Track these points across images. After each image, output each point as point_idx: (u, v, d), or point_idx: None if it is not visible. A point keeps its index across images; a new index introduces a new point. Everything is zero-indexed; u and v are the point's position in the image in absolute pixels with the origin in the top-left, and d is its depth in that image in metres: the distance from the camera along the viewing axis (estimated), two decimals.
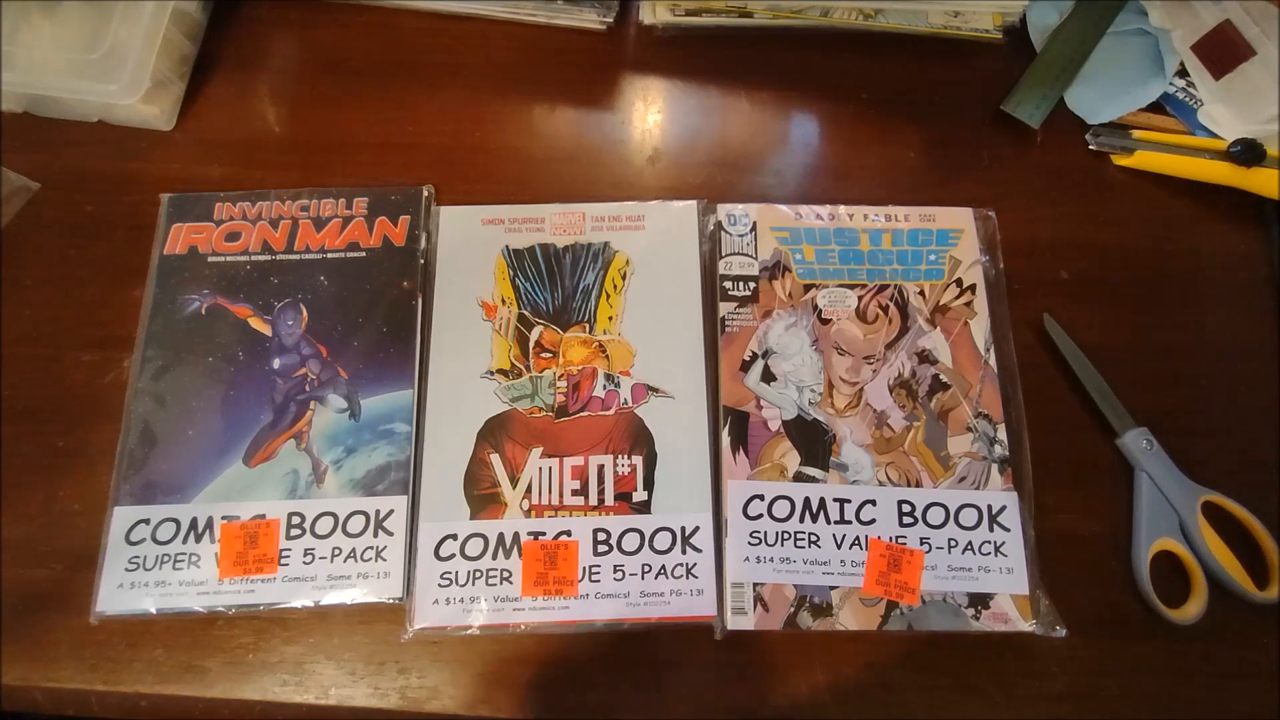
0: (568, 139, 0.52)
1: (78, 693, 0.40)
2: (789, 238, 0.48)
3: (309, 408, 0.44)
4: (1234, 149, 0.49)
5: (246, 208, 0.48)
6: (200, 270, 0.47)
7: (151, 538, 0.41)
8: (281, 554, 0.41)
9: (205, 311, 0.46)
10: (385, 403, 0.44)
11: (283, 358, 0.45)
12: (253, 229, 0.48)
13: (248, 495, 0.42)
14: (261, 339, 0.46)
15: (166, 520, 0.42)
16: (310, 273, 0.47)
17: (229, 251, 0.47)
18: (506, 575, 0.41)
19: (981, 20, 0.52)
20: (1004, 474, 0.43)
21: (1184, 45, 0.53)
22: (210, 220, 0.48)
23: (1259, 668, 0.41)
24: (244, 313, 0.46)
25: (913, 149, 0.52)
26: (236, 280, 0.47)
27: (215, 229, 0.48)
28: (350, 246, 0.48)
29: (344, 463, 0.43)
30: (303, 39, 0.54)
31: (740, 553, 0.42)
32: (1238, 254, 0.50)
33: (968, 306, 0.47)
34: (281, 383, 0.45)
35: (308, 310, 0.46)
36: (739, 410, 0.44)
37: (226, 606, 0.41)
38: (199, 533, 0.42)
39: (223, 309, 0.46)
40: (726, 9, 0.51)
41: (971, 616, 0.41)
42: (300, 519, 0.42)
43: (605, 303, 0.47)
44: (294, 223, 0.48)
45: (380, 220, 0.48)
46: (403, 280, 0.47)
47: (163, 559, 0.41)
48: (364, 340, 0.46)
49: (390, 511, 0.42)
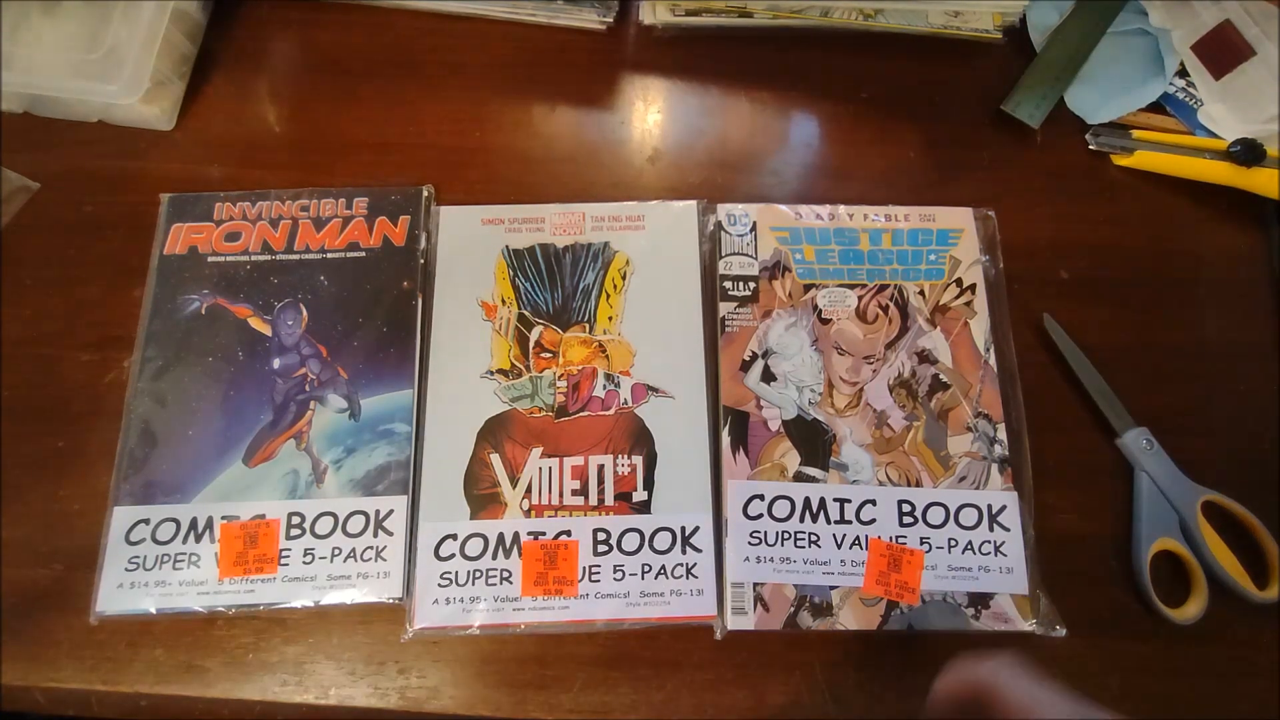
0: (568, 139, 0.52)
1: (78, 693, 0.40)
2: (789, 238, 0.48)
3: (309, 408, 0.44)
4: (1234, 149, 0.49)
5: (246, 208, 0.48)
6: (200, 270, 0.47)
7: (151, 538, 0.41)
8: (281, 554, 0.41)
9: (205, 311, 0.46)
10: (385, 403, 0.44)
11: (283, 358, 0.45)
12: (253, 229, 0.48)
13: (248, 495, 0.42)
14: (261, 339, 0.46)
15: (166, 520, 0.42)
16: (310, 273, 0.47)
17: (229, 251, 0.47)
18: (506, 575, 0.41)
19: (981, 20, 0.52)
20: (1004, 474, 0.43)
21: (1184, 45, 0.53)
22: (210, 220, 0.48)
23: (1259, 668, 0.41)
24: (244, 313, 0.46)
25: (913, 149, 0.52)
26: (236, 280, 0.47)
27: (215, 229, 0.48)
28: (350, 246, 0.48)
29: (344, 463, 0.43)
30: (303, 39, 0.54)
31: (740, 553, 0.42)
32: (1238, 254, 0.50)
33: (968, 306, 0.47)
34: (281, 383, 0.45)
35: (308, 310, 0.46)
36: (739, 410, 0.44)
37: (226, 606, 0.41)
38: (199, 533, 0.42)
39: (223, 309, 0.46)
40: (726, 9, 0.51)
41: (971, 616, 0.41)
42: (300, 519, 0.42)
43: (605, 303, 0.47)
44: (294, 223, 0.48)
45: (380, 220, 0.48)
46: (403, 280, 0.47)
47: (163, 559, 0.41)
48: (364, 340, 0.46)
49: (390, 511, 0.42)
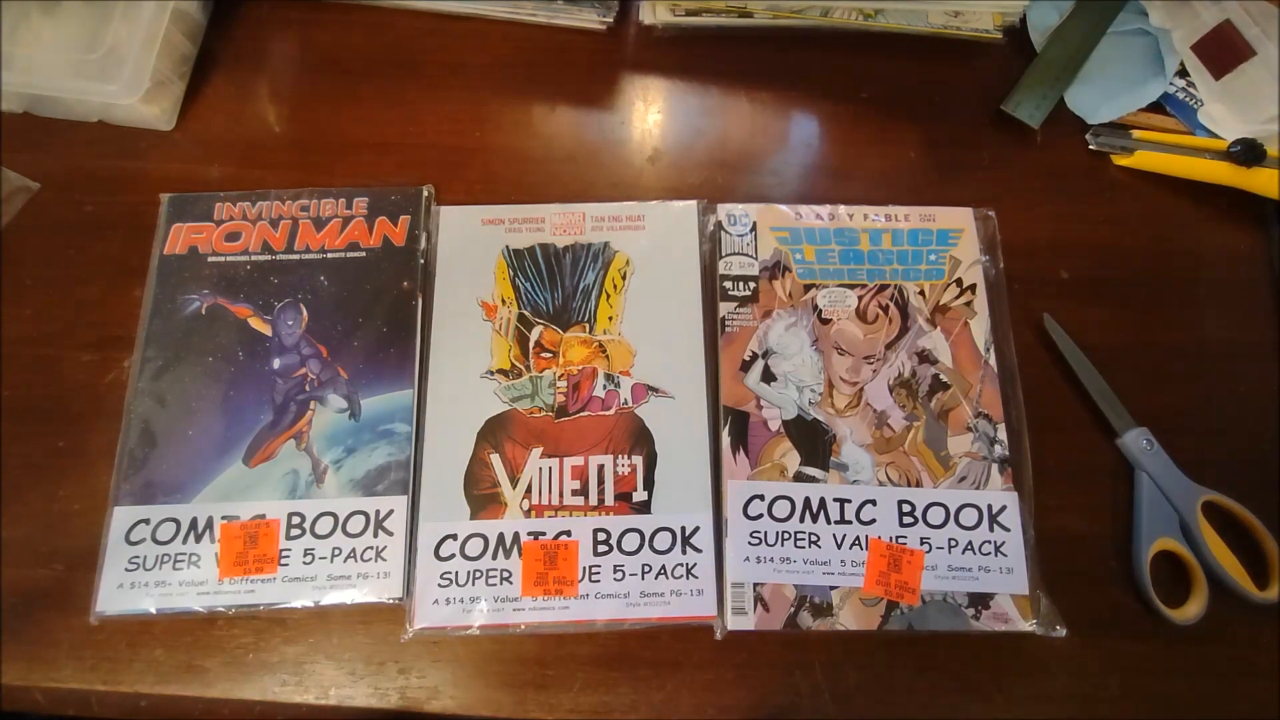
0: (568, 139, 0.52)
1: (78, 693, 0.40)
2: (789, 238, 0.48)
3: (309, 408, 0.44)
4: (1234, 149, 0.49)
5: (246, 208, 0.48)
6: (200, 270, 0.47)
7: (151, 538, 0.41)
8: (281, 554, 0.41)
9: (205, 311, 0.46)
10: (385, 403, 0.44)
11: (283, 358, 0.45)
12: (253, 229, 0.48)
13: (248, 495, 0.42)
14: (261, 339, 0.46)
15: (166, 520, 0.42)
16: (310, 273, 0.47)
17: (229, 251, 0.47)
18: (506, 575, 0.41)
19: (981, 20, 0.52)
20: (1004, 474, 0.43)
21: (1184, 45, 0.53)
22: (210, 220, 0.48)
23: (1259, 668, 0.41)
24: (244, 313, 0.46)
25: (913, 149, 0.52)
26: (236, 280, 0.47)
27: (215, 229, 0.48)
28: (350, 246, 0.48)
29: (344, 463, 0.43)
30: (302, 39, 0.54)
31: (740, 553, 0.42)
32: (1238, 254, 0.50)
33: (968, 306, 0.47)
34: (281, 383, 0.45)
35: (308, 310, 0.46)
36: (739, 410, 0.44)
37: (227, 606, 0.41)
38: (199, 533, 0.42)
39: (223, 309, 0.46)
40: (726, 9, 0.51)
41: (971, 616, 0.41)
42: (300, 519, 0.42)
43: (605, 303, 0.47)
44: (294, 223, 0.48)
45: (380, 220, 0.48)
46: (403, 280, 0.47)
47: (163, 559, 0.41)
48: (364, 340, 0.46)
49: (390, 511, 0.42)
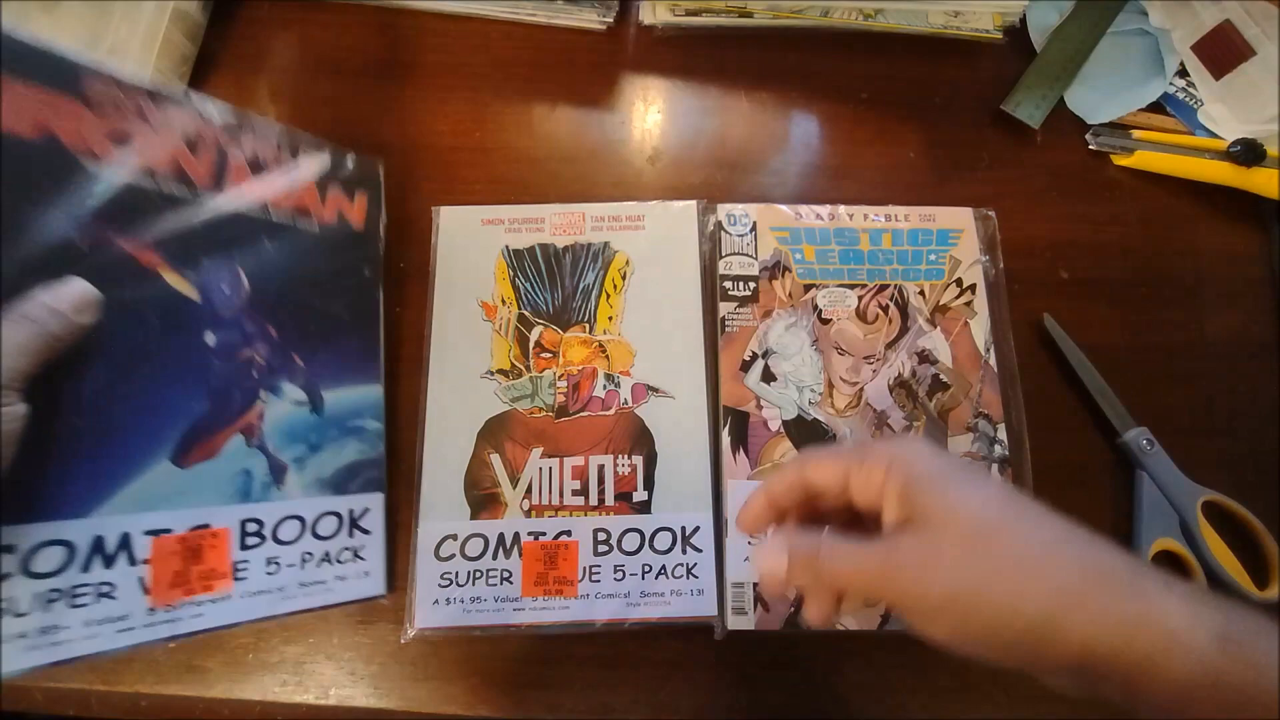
0: (568, 139, 0.52)
1: (78, 693, 0.40)
2: (789, 238, 0.48)
3: (257, 397, 0.38)
4: (1234, 149, 0.49)
5: (143, 100, 0.34)
6: (72, 174, 0.32)
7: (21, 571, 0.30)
8: (237, 566, 0.36)
9: (88, 250, 0.32)
10: (351, 397, 0.42)
11: (219, 333, 0.36)
12: (153, 136, 0.34)
13: (181, 502, 0.34)
14: (186, 304, 0.35)
15: (49, 544, 0.31)
16: (249, 230, 0.38)
17: (120, 161, 0.33)
18: (506, 575, 0.41)
19: (981, 20, 0.52)
20: (1004, 474, 0.43)
21: (1184, 45, 0.53)
22: (76, 95, 0.31)
23: None
24: (152, 260, 0.34)
25: (913, 149, 0.52)
26: (137, 209, 0.34)
27: (87, 112, 0.32)
28: (300, 212, 0.40)
29: (307, 461, 0.39)
30: (303, 39, 0.54)
31: (741, 552, 0.42)
32: (1238, 254, 0.50)
33: (968, 306, 0.47)
34: (219, 364, 0.36)
35: (248, 278, 0.38)
36: (739, 410, 0.44)
37: (165, 639, 0.33)
38: (108, 555, 0.32)
39: (118, 250, 0.33)
40: (726, 9, 0.51)
41: None
42: (258, 525, 0.37)
43: (605, 303, 0.47)
44: (220, 154, 0.37)
45: (334, 194, 0.42)
46: (363, 269, 0.43)
47: (49, 596, 0.30)
48: (323, 327, 0.41)
49: (366, 510, 0.41)
